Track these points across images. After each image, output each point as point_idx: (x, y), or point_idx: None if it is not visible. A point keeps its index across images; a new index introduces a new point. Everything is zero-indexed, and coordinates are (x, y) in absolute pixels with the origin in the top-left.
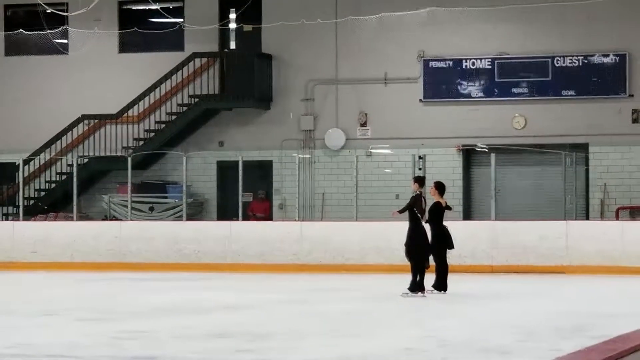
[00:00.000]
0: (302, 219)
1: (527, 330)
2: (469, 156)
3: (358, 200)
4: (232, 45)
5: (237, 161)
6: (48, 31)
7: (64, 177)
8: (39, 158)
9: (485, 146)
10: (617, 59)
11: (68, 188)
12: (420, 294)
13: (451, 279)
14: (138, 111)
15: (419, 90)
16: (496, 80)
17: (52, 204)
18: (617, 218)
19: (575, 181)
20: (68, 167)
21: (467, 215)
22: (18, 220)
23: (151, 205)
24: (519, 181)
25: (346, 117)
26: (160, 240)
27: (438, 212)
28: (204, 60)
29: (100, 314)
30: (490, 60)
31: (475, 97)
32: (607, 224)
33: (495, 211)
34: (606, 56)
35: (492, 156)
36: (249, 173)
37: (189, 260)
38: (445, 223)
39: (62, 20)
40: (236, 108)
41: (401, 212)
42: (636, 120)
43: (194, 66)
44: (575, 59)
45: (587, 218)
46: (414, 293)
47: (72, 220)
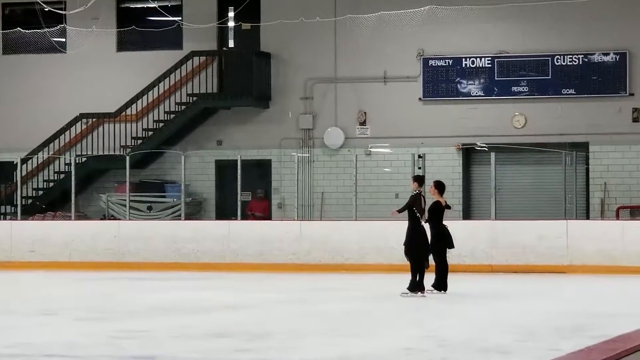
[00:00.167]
0: (301, 219)
1: (527, 330)
2: (469, 155)
3: (357, 199)
4: (231, 43)
5: (236, 160)
6: (46, 30)
7: (62, 176)
8: (37, 157)
9: (485, 145)
10: (617, 58)
11: (66, 187)
12: (419, 294)
13: (451, 279)
14: (136, 110)
15: (419, 88)
16: (496, 78)
17: (50, 203)
18: (618, 217)
19: (575, 180)
20: (66, 166)
21: (467, 214)
22: (16, 219)
23: (149, 204)
24: (519, 180)
25: (345, 116)
26: (158, 239)
27: (438, 212)
28: (203, 58)
29: (98, 314)
30: (490, 58)
31: (475, 96)
32: (608, 224)
33: (495, 210)
34: (606, 55)
35: (492, 155)
36: (248, 172)
37: (188, 259)
38: (445, 222)
39: (60, 18)
40: (235, 107)
41: (400, 212)
42: (636, 119)
43: (193, 65)
44: (575, 58)
45: (588, 217)
46: (414, 293)
47: (70, 219)
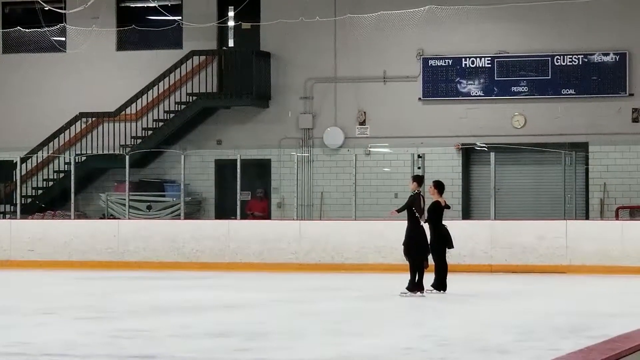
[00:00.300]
0: (301, 218)
1: (527, 329)
2: (468, 155)
3: (357, 199)
4: (231, 43)
5: (236, 160)
6: (46, 29)
7: (62, 175)
8: (37, 156)
9: (484, 145)
10: (617, 58)
11: (66, 186)
12: (419, 294)
13: (450, 279)
14: (136, 109)
15: (418, 88)
16: (496, 78)
17: (50, 202)
18: (617, 218)
19: (574, 180)
20: (66, 165)
21: (466, 214)
22: (15, 218)
23: (149, 203)
24: (519, 180)
25: (345, 116)
26: (158, 239)
27: (437, 212)
28: (203, 58)
29: (98, 313)
30: (489, 58)
31: (474, 96)
32: (607, 224)
33: (494, 210)
34: (606, 55)
35: (492, 155)
36: (248, 172)
37: (187, 259)
38: (444, 222)
39: (60, 17)
40: (234, 106)
41: (399, 212)
42: (636, 119)
43: (192, 64)
44: (575, 58)
45: (587, 217)
46: (413, 292)
47: (70, 218)
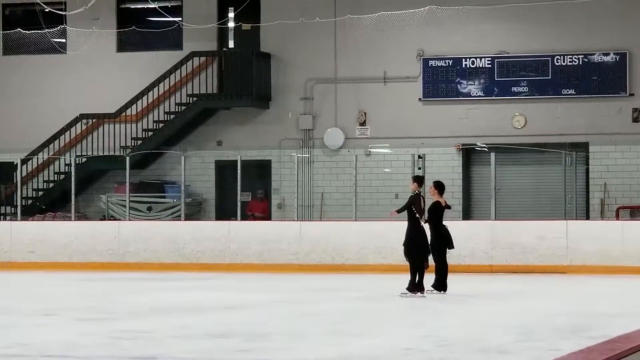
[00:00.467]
0: (301, 219)
1: (527, 330)
2: (469, 155)
3: (357, 199)
4: (231, 44)
5: (236, 161)
6: (46, 30)
7: (62, 177)
8: (37, 157)
9: (484, 145)
10: (618, 58)
11: (66, 188)
12: (419, 294)
13: (450, 279)
14: (136, 110)
15: (419, 89)
16: (496, 79)
17: (50, 204)
18: (618, 218)
19: (575, 180)
20: (66, 167)
21: (467, 214)
22: (16, 220)
23: (149, 205)
24: (519, 180)
25: (345, 116)
26: (158, 240)
27: (437, 212)
28: (203, 59)
29: (98, 314)
30: (490, 59)
31: (474, 96)
32: (608, 224)
33: (495, 211)
34: (606, 55)
35: (492, 155)
36: (248, 172)
37: (188, 260)
38: (444, 223)
39: (61, 19)
40: (235, 107)
41: (399, 212)
42: (636, 119)
43: (193, 65)
44: (575, 58)
45: (587, 218)
46: (413, 293)
47: (70, 220)
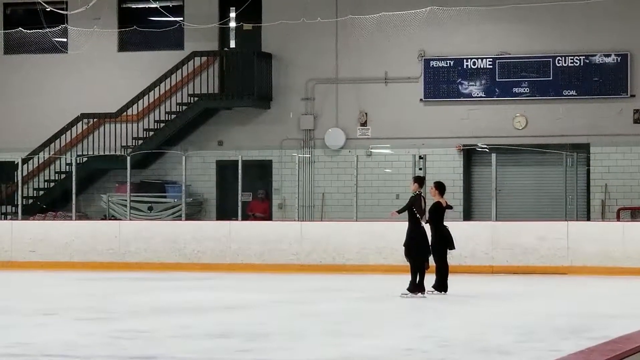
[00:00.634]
0: (302, 219)
1: (527, 330)
2: (470, 156)
3: (358, 200)
4: (232, 44)
5: (237, 161)
6: (47, 30)
7: (63, 176)
8: (38, 157)
9: (485, 146)
10: (619, 59)
11: (67, 187)
12: (420, 295)
13: (451, 280)
14: (137, 110)
15: (420, 89)
16: (497, 80)
17: (51, 203)
18: (618, 219)
19: (576, 181)
20: (67, 166)
21: (468, 215)
22: (17, 219)
23: (150, 204)
24: (520, 181)
25: (346, 117)
26: (159, 240)
27: (438, 212)
28: (204, 59)
29: (99, 314)
30: (491, 59)
31: (476, 97)
32: (608, 225)
33: (495, 211)
34: (607, 56)
35: (493, 156)
36: (249, 173)
37: (188, 260)
38: (445, 223)
39: (62, 18)
40: (236, 107)
41: (400, 212)
42: (638, 120)
43: (194, 65)
44: (576, 59)
45: (588, 219)
46: (413, 293)
47: (71, 219)
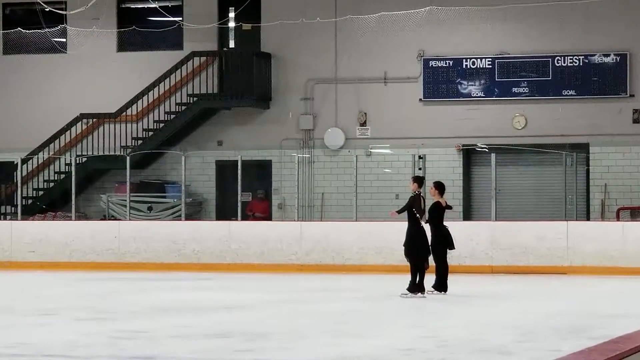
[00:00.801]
0: (302, 219)
1: (527, 330)
2: (469, 156)
3: (357, 200)
4: (231, 44)
5: (236, 161)
6: (46, 30)
7: (63, 177)
8: (38, 157)
9: (485, 146)
10: (618, 59)
11: (66, 187)
12: (419, 295)
13: (451, 280)
14: (137, 110)
15: (419, 89)
16: (496, 79)
17: (51, 204)
18: (618, 219)
19: (575, 181)
20: (66, 166)
21: (467, 215)
22: (16, 219)
23: (150, 205)
24: (519, 181)
25: (346, 117)
26: (158, 240)
27: (438, 212)
28: (203, 59)
29: (98, 314)
30: (490, 59)
31: (475, 97)
32: (608, 225)
33: (495, 211)
34: (607, 56)
35: (493, 156)
36: (248, 173)
37: (188, 260)
38: (445, 223)
39: (61, 18)
40: (235, 107)
41: (400, 212)
42: (637, 120)
43: (193, 65)
44: (575, 59)
45: (588, 218)
46: (413, 293)
47: (71, 219)
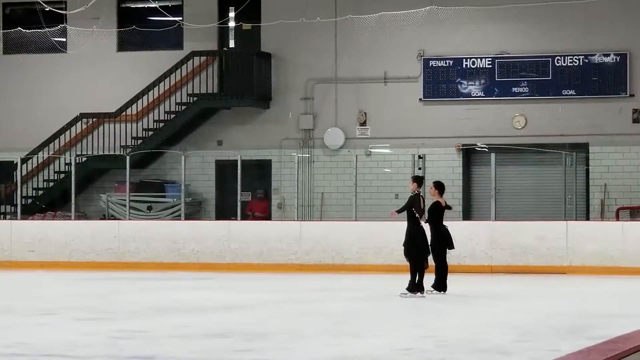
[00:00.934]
0: (301, 219)
1: (527, 330)
2: (469, 156)
3: (357, 200)
4: (231, 43)
5: (236, 160)
6: (46, 29)
7: (62, 176)
8: (37, 157)
9: (485, 146)
10: (618, 59)
11: (66, 187)
12: (419, 294)
13: (450, 280)
14: (136, 110)
15: (419, 89)
16: (496, 79)
17: (50, 203)
18: (618, 218)
19: (575, 181)
20: (66, 166)
21: (467, 215)
22: (16, 219)
23: (149, 204)
24: (519, 181)
25: (345, 117)
26: (158, 239)
27: (437, 212)
28: (203, 58)
29: (98, 314)
30: (490, 59)
31: (475, 97)
32: (608, 225)
33: (495, 211)
34: (607, 56)
35: (492, 156)
36: (248, 172)
37: (188, 259)
38: (445, 223)
39: (61, 18)
40: (235, 107)
41: (399, 212)
42: (637, 120)
43: (193, 65)
44: (575, 59)
45: (587, 218)
46: (413, 293)
47: (70, 219)
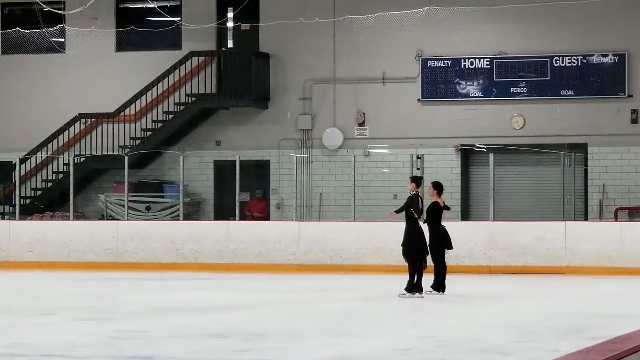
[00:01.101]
0: (300, 219)
1: (526, 330)
2: (467, 156)
3: (356, 200)
4: (230, 44)
5: (235, 160)
6: (45, 29)
7: (61, 176)
8: (36, 157)
9: (483, 146)
10: (616, 59)
11: (65, 187)
12: (417, 295)
13: (449, 280)
14: (135, 110)
15: (417, 89)
16: (495, 79)
17: (49, 203)
18: (616, 219)
19: (573, 181)
20: (65, 166)
21: (465, 215)
22: (14, 219)
23: (148, 204)
24: (518, 181)
25: (344, 117)
26: (157, 240)
27: (436, 212)
28: (202, 59)
29: (97, 314)
30: (488, 59)
31: (473, 97)
32: (606, 225)
33: (493, 211)
34: (605, 56)
35: (491, 156)
36: (246, 172)
37: (186, 260)
38: (443, 223)
39: (59, 18)
40: (233, 107)
41: (398, 212)
42: (635, 120)
43: (191, 65)
44: (574, 59)
45: (586, 219)
46: (411, 293)
47: (69, 219)
